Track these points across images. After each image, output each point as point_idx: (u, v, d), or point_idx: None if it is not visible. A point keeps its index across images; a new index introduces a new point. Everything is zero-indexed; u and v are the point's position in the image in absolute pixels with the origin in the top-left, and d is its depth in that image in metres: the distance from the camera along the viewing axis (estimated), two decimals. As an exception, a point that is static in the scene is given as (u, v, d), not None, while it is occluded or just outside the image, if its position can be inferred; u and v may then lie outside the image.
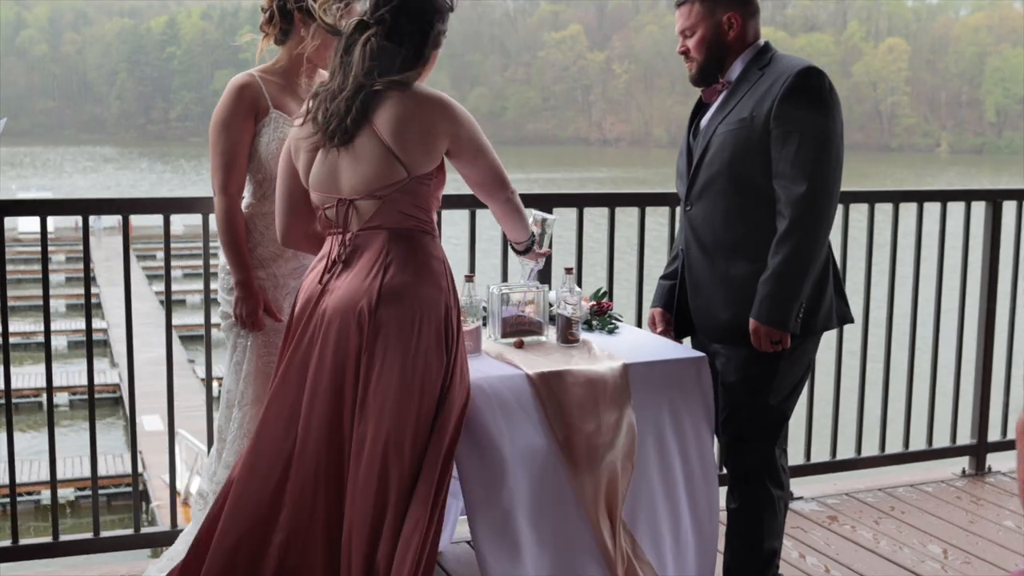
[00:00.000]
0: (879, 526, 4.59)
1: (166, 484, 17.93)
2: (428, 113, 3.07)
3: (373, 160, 3.05)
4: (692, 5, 3.46)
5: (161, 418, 19.33)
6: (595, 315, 3.81)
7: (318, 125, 3.12)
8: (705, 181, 3.46)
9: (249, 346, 3.63)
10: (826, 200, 3.28)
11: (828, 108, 3.31)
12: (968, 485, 5.12)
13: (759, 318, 3.33)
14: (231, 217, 3.55)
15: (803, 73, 3.30)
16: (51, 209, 3.98)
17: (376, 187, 3.06)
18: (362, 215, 3.10)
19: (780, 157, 3.29)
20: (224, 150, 3.54)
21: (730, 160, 3.38)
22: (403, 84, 3.08)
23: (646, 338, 3.72)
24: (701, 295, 3.54)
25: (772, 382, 3.44)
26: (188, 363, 25.12)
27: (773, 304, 3.30)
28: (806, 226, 3.26)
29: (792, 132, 3.27)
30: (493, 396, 3.15)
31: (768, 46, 3.50)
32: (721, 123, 3.43)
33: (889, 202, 4.96)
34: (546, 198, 4.43)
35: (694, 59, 3.50)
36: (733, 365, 3.49)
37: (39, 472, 18.99)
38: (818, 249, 3.31)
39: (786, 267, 3.27)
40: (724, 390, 3.54)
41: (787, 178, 3.27)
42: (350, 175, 3.08)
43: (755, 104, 3.34)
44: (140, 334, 4.19)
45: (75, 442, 20.77)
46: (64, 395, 23.97)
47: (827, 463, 5.04)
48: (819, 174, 3.25)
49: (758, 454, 3.52)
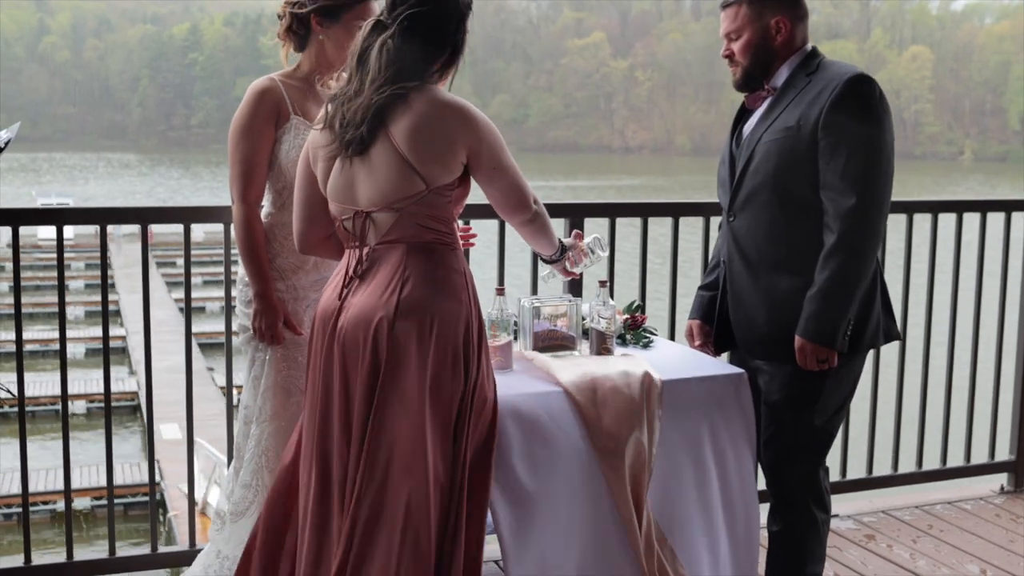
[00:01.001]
0: (916, 545, 4.48)
1: (183, 494, 17.94)
2: (446, 121, 2.91)
3: (389, 171, 2.90)
4: (739, 7, 3.34)
5: (179, 426, 19.37)
6: (629, 329, 3.70)
7: (335, 133, 2.97)
8: (749, 191, 3.34)
9: (268, 360, 3.51)
10: (876, 214, 3.16)
11: (878, 118, 3.17)
12: (1007, 502, 5.00)
13: (805, 335, 3.21)
14: (250, 226, 3.43)
15: (853, 81, 3.17)
16: (69, 218, 3.89)
17: (393, 199, 2.91)
18: (379, 228, 2.96)
19: (828, 168, 3.16)
20: (244, 157, 3.43)
21: (775, 170, 3.26)
22: (421, 89, 2.92)
23: (682, 353, 3.62)
24: (743, 309, 3.43)
25: (817, 401, 3.32)
26: (207, 371, 25.16)
27: (820, 321, 3.18)
28: (855, 241, 3.14)
29: (841, 143, 3.14)
30: (528, 415, 3.05)
31: (815, 51, 3.37)
32: (766, 131, 3.30)
33: (928, 212, 4.84)
34: (578, 208, 4.34)
35: (739, 63, 3.38)
36: (777, 383, 3.37)
37: (55, 481, 19.01)
38: (867, 265, 3.19)
39: (834, 283, 3.15)
40: (767, 409, 3.42)
41: (835, 190, 3.15)
42: (367, 187, 2.94)
43: (802, 112, 3.21)
44: (158, 342, 4.11)
45: (92, 450, 20.78)
46: (81, 403, 24.00)
47: (863, 480, 4.93)
48: (869, 187, 3.13)
49: (802, 475, 3.41)
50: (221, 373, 25.03)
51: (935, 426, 5.01)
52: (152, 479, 4.17)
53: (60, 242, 3.84)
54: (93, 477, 19.15)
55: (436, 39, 2.96)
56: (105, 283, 3.97)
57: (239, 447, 3.63)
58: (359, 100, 2.91)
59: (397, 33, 2.91)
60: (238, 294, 3.60)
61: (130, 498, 18.87)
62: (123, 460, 20.04)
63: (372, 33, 2.95)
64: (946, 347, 4.99)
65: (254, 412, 3.53)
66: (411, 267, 2.91)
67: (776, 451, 3.43)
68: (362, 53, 2.95)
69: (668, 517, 3.24)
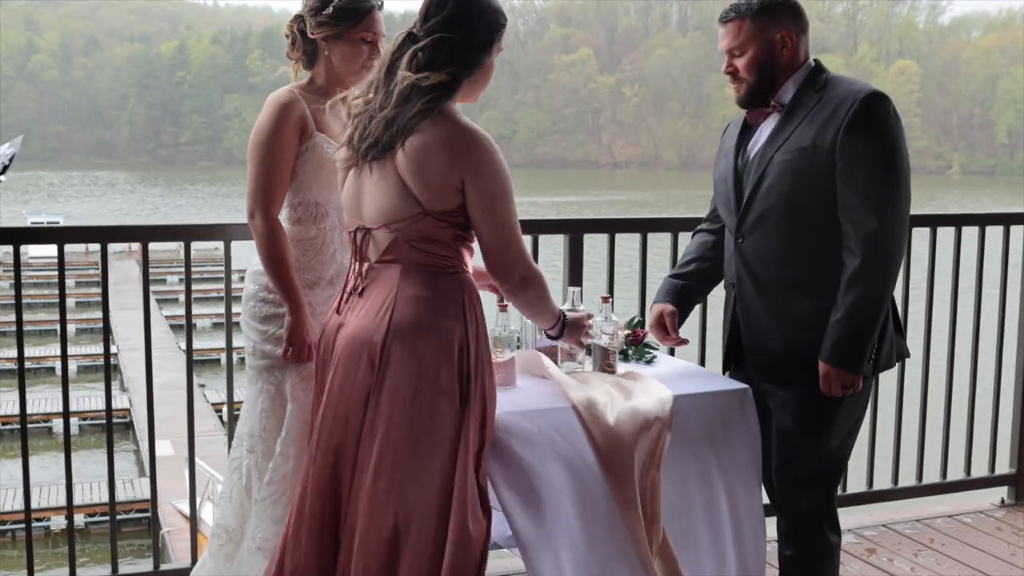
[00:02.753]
0: (917, 559, 4.47)
1: (176, 510, 17.89)
2: (449, 146, 2.80)
3: (388, 190, 2.84)
4: (742, 22, 3.20)
5: (171, 443, 19.29)
6: (630, 344, 3.68)
7: (354, 146, 2.92)
8: (760, 213, 3.23)
9: (289, 394, 3.41)
10: (899, 236, 3.09)
11: (895, 138, 3.10)
12: (1008, 515, 4.99)
13: (831, 361, 3.13)
14: (278, 241, 3.35)
15: (868, 100, 3.07)
16: (69, 237, 3.89)
17: (390, 220, 2.86)
18: (379, 246, 2.91)
19: (847, 190, 3.08)
20: (267, 169, 3.35)
21: (789, 192, 3.16)
22: (443, 110, 2.83)
23: (685, 368, 3.60)
24: (755, 332, 3.33)
25: (832, 425, 3.26)
26: (199, 388, 25.09)
27: (847, 347, 3.10)
28: (878, 265, 3.06)
29: (859, 165, 3.06)
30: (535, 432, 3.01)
31: (820, 66, 3.27)
32: (778, 151, 3.18)
33: (927, 226, 4.84)
34: (577, 223, 4.33)
35: (744, 80, 3.24)
36: (790, 409, 3.29)
37: (49, 499, 18.93)
38: (890, 288, 3.13)
39: (860, 308, 3.07)
40: (780, 435, 3.34)
41: (857, 212, 3.07)
42: (370, 202, 2.89)
43: (816, 132, 3.11)
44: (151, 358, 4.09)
45: (85, 468, 20.71)
46: (73, 420, 23.89)
47: (864, 493, 4.92)
48: (890, 209, 3.06)
49: (817, 499, 3.35)
50: (212, 390, 25.13)
51: (935, 439, 5.01)
52: (154, 496, 4.16)
53: (61, 260, 3.83)
54: (87, 494, 19.11)
55: (467, 53, 2.88)
56: (106, 300, 3.97)
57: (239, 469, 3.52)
58: (383, 114, 2.84)
59: (428, 46, 2.84)
60: (249, 311, 3.49)
61: (123, 515, 18.82)
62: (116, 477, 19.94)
63: (403, 45, 2.88)
64: (946, 360, 4.98)
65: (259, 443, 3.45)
66: (403, 289, 2.86)
67: (790, 477, 3.35)
68: (391, 65, 2.88)
69: (674, 533, 3.21)
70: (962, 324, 4.96)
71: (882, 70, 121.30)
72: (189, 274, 4.02)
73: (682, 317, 3.66)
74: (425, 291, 2.85)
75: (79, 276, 39.56)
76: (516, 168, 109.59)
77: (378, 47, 3.41)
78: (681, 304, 3.61)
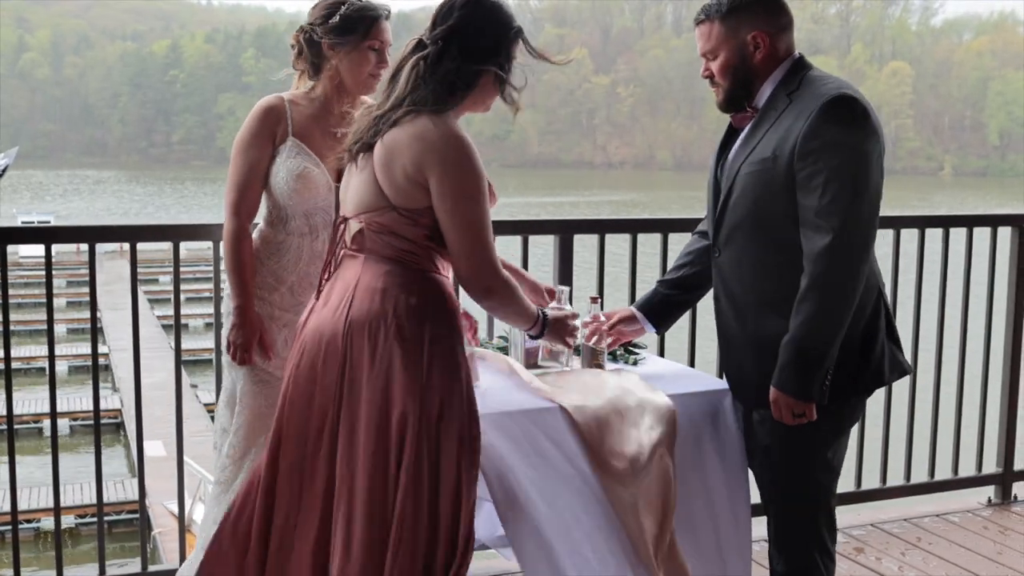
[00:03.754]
0: (905, 558, 4.48)
1: (167, 511, 17.84)
2: (419, 143, 2.77)
3: (365, 182, 2.87)
4: (711, 24, 3.07)
5: (163, 444, 19.25)
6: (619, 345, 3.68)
7: (348, 145, 2.96)
8: (731, 226, 3.10)
9: (240, 388, 3.50)
10: (855, 252, 2.88)
11: (858, 141, 2.88)
12: (995, 515, 5.01)
13: (778, 386, 2.96)
14: (238, 240, 3.42)
15: (830, 104, 2.88)
16: (57, 237, 3.88)
17: (361, 210, 2.88)
18: (349, 236, 2.93)
19: (805, 204, 2.89)
20: (239, 171, 3.43)
21: (754, 205, 3.01)
22: (432, 112, 2.80)
23: (672, 369, 3.60)
24: (733, 354, 3.22)
25: (816, 448, 3.10)
26: (191, 388, 25.04)
27: (793, 372, 2.92)
28: (830, 283, 2.86)
29: (816, 174, 2.86)
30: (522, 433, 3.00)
31: (801, 63, 3.08)
32: (745, 161, 3.04)
33: (915, 227, 4.86)
34: (567, 224, 4.34)
35: (719, 84, 3.10)
36: (769, 431, 3.13)
37: (38, 499, 18.88)
38: (846, 308, 2.90)
39: (808, 330, 2.89)
40: (762, 455, 3.20)
41: (811, 227, 2.88)
42: (352, 193, 2.93)
43: (778, 142, 2.94)
44: (142, 358, 4.08)
45: (75, 469, 20.66)
46: (64, 421, 23.86)
47: (852, 493, 4.92)
48: (846, 223, 2.84)
49: (803, 522, 3.19)
50: (204, 390, 25.09)
51: (923, 439, 5.02)
52: (142, 497, 4.16)
53: (49, 260, 3.83)
54: (77, 495, 19.05)
55: (470, 62, 2.85)
56: (94, 300, 3.95)
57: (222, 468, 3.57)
58: (376, 112, 2.88)
59: (433, 53, 2.84)
60: (223, 307, 3.58)
61: (114, 516, 18.79)
62: (107, 478, 19.81)
63: (412, 52, 2.88)
64: (933, 360, 4.99)
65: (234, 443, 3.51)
66: (362, 281, 2.85)
67: (776, 501, 3.23)
68: (396, 71, 2.90)
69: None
70: (950, 325, 4.98)
71: (875, 71, 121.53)
72: (178, 274, 4.02)
73: (663, 325, 3.58)
74: (381, 282, 2.82)
75: (70, 276, 39.48)
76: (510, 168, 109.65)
77: (385, 56, 3.44)
78: (654, 313, 3.52)
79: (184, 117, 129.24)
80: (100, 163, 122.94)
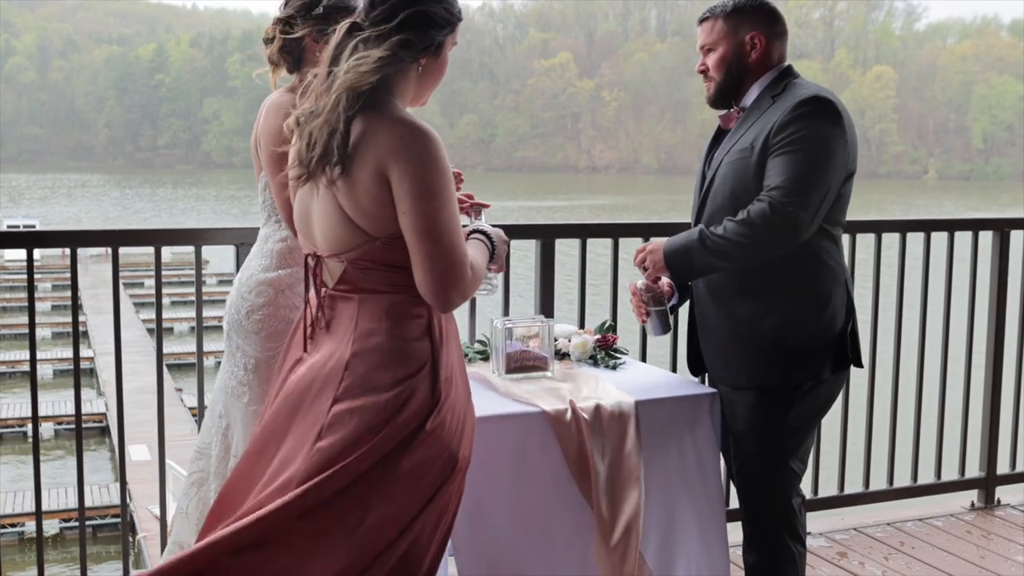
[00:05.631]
0: (888, 562, 4.49)
1: (152, 515, 17.79)
2: (376, 157, 2.48)
3: (330, 219, 2.56)
4: (716, 21, 3.27)
5: (148, 448, 19.22)
6: (600, 349, 3.69)
7: (301, 156, 2.60)
8: (710, 215, 3.25)
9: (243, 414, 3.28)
10: (798, 202, 3.00)
11: (824, 133, 3.07)
12: (977, 519, 5.02)
13: (666, 246, 3.17)
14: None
15: (805, 101, 3.08)
16: (39, 241, 3.85)
17: (338, 249, 2.58)
18: (332, 274, 2.64)
19: (767, 175, 3.08)
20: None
21: (731, 193, 3.18)
22: (384, 110, 2.54)
23: (654, 373, 3.60)
24: (709, 336, 3.35)
25: (782, 430, 3.25)
26: (176, 392, 24.99)
27: (684, 249, 3.13)
28: (766, 223, 3.00)
29: (780, 153, 3.05)
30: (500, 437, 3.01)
31: (789, 70, 3.27)
32: (727, 154, 3.23)
33: (897, 232, 4.87)
34: (548, 229, 4.33)
35: (712, 78, 3.30)
36: (740, 412, 3.28)
37: (22, 504, 18.82)
38: (762, 253, 3.06)
39: (721, 243, 3.06)
40: (734, 438, 3.35)
41: (768, 179, 3.06)
42: (319, 227, 2.62)
43: (756, 134, 3.14)
44: (127, 362, 4.06)
45: (60, 472, 20.62)
46: (49, 425, 23.79)
47: (835, 497, 4.93)
48: (797, 179, 3.01)
49: (775, 505, 3.32)
50: (189, 394, 25.03)
51: (906, 443, 5.04)
52: (124, 500, 4.14)
53: (31, 266, 3.81)
54: (62, 499, 18.99)
55: (414, 45, 2.59)
56: (75, 305, 3.93)
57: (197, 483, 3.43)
58: (324, 117, 2.54)
59: (373, 37, 2.56)
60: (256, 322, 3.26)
61: (99, 520, 18.75)
62: (92, 482, 19.87)
63: (347, 36, 2.59)
64: (916, 364, 5.01)
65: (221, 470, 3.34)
66: (363, 318, 2.58)
67: (746, 483, 3.35)
68: (333, 59, 2.59)
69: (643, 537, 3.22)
70: (932, 329, 5.00)
71: (859, 75, 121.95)
72: (159, 278, 4.00)
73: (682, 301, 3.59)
74: (385, 322, 2.57)
75: (56, 279, 39.41)
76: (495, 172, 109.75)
77: None
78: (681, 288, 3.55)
79: (170, 121, 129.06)
80: (86, 167, 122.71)
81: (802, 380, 3.22)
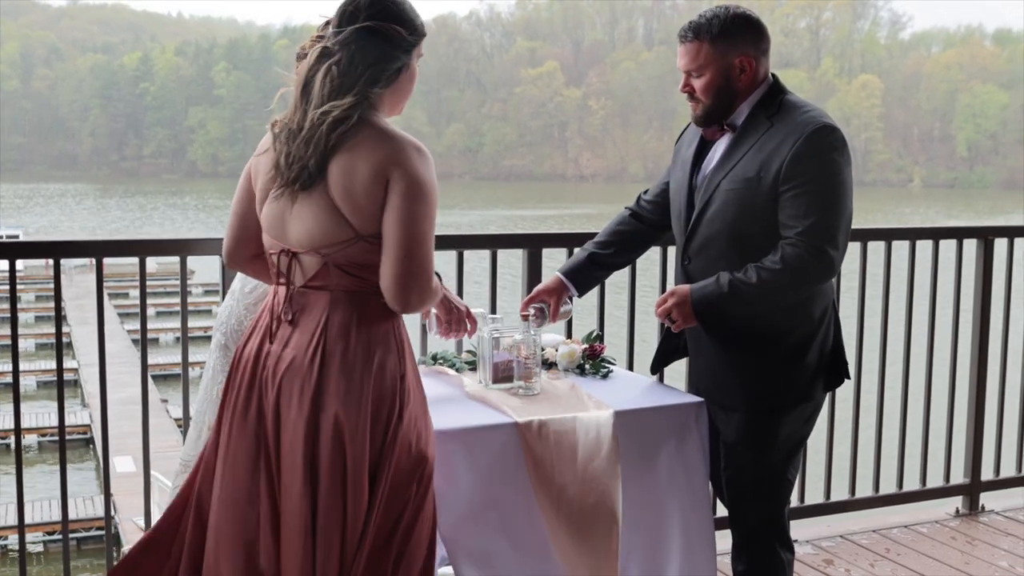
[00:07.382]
0: (874, 569, 4.51)
1: (138, 527, 17.70)
2: (374, 156, 2.63)
3: (319, 213, 2.67)
4: (701, 44, 3.16)
5: (133, 459, 19.12)
6: (587, 359, 3.68)
7: (280, 169, 2.71)
8: (705, 238, 3.23)
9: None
10: (829, 240, 3.06)
11: (840, 167, 3.08)
12: (962, 525, 5.05)
13: (694, 298, 3.15)
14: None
15: (815, 135, 3.06)
16: (22, 252, 3.84)
17: (320, 244, 2.68)
18: (306, 271, 2.73)
19: (785, 213, 3.08)
20: None
21: (733, 220, 3.16)
22: (366, 119, 2.67)
23: (641, 383, 3.60)
24: (702, 355, 3.36)
25: (774, 442, 3.28)
26: (161, 403, 24.88)
27: (714, 297, 3.13)
28: (796, 279, 3.08)
29: (801, 194, 3.04)
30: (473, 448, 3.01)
31: (777, 86, 3.23)
32: (725, 178, 3.17)
33: (882, 240, 4.88)
34: (536, 238, 4.33)
35: (700, 101, 3.22)
36: (733, 426, 3.31)
37: (5, 517, 18.71)
38: (799, 295, 3.15)
39: (754, 289, 3.08)
40: (726, 449, 3.36)
41: (791, 220, 3.07)
42: (296, 225, 2.71)
43: (763, 163, 3.09)
44: (112, 374, 4.05)
45: (44, 485, 20.49)
46: (33, 436, 23.67)
47: (821, 505, 4.95)
48: (823, 219, 3.05)
49: (765, 514, 3.35)
50: (174, 404, 24.96)
51: (891, 450, 5.05)
52: (108, 513, 4.13)
53: (12, 275, 3.80)
54: (46, 512, 18.87)
55: (383, 65, 2.71)
56: (59, 316, 3.92)
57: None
58: (303, 135, 2.67)
59: (344, 57, 2.68)
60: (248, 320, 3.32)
61: (84, 532, 18.64)
62: (76, 494, 19.77)
63: (318, 61, 2.69)
64: (901, 372, 5.03)
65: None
66: (334, 316, 2.70)
67: (737, 491, 3.36)
68: (306, 83, 2.70)
69: (625, 545, 3.20)
70: (917, 337, 5.02)
71: (845, 84, 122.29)
72: (144, 289, 3.99)
73: (583, 292, 3.65)
74: (356, 317, 2.70)
75: (40, 290, 39.23)
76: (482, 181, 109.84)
77: None
78: (578, 283, 3.60)
79: (155, 130, 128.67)
80: (71, 176, 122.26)
81: (796, 403, 3.25)
